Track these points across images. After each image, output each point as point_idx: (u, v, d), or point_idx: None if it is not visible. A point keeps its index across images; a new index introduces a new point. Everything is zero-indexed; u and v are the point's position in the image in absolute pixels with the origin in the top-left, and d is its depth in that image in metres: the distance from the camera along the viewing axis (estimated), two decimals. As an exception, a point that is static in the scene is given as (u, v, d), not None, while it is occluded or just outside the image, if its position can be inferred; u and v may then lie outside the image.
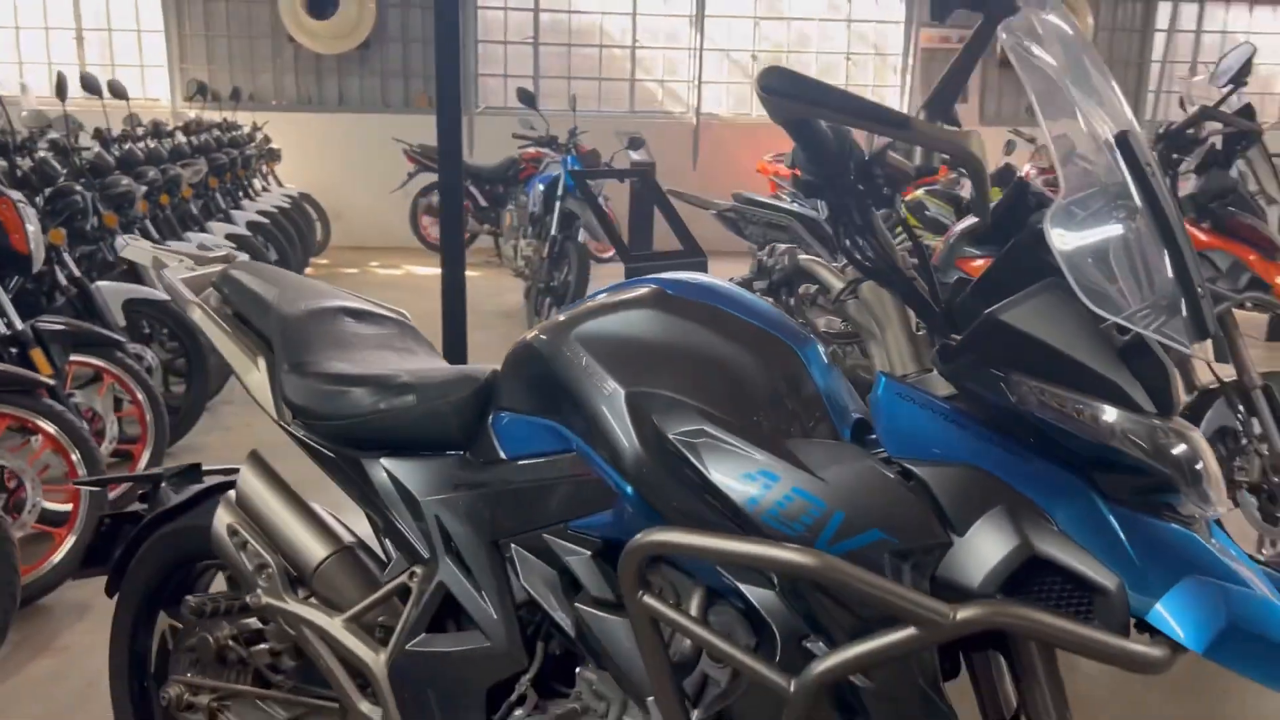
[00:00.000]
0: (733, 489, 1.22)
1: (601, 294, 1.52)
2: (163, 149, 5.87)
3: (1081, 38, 1.26)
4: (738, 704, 1.28)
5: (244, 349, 1.79)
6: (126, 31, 10.69)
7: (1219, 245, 3.22)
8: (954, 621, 1.08)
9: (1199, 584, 1.09)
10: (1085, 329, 1.14)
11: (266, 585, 1.73)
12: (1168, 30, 11.81)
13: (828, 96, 1.08)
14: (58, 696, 2.59)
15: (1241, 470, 3.24)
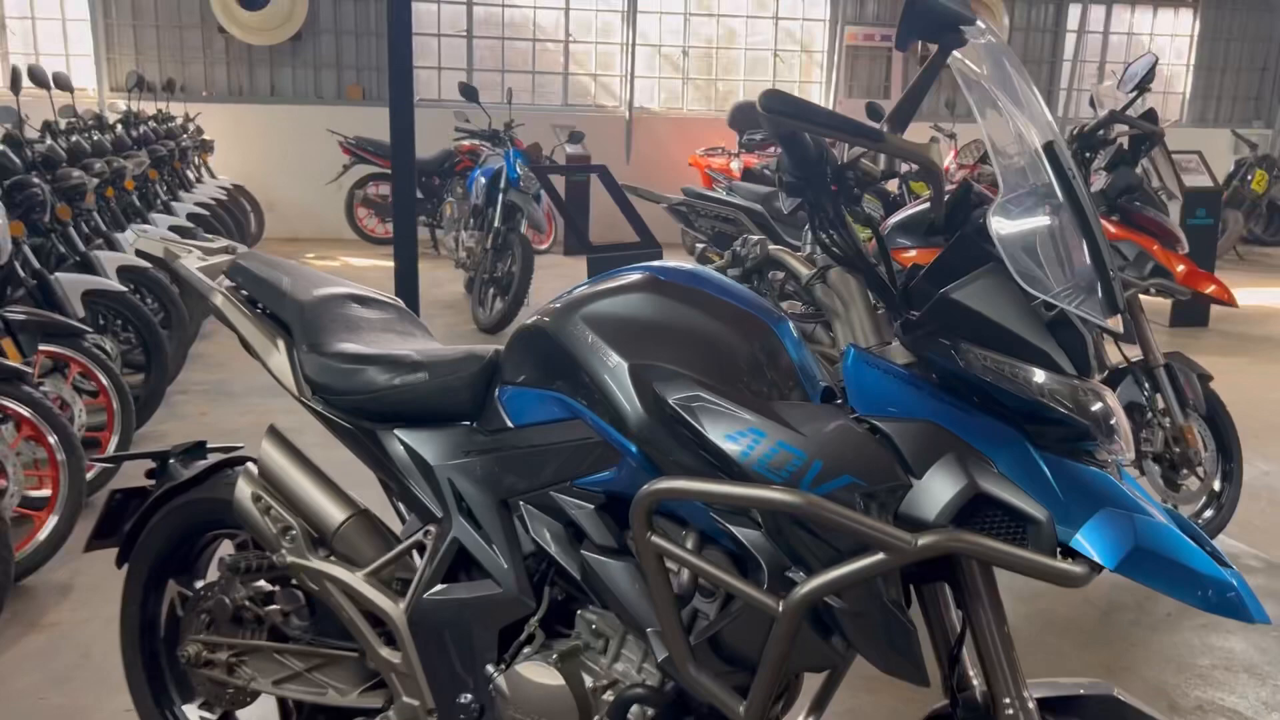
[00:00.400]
0: (726, 445, 1.43)
1: (595, 282, 1.72)
2: (105, 141, 5.88)
3: (1015, 60, 1.50)
4: (725, 630, 1.50)
5: (264, 332, 1.96)
6: (51, 20, 10.50)
7: (1126, 236, 3.54)
8: (916, 547, 1.31)
9: (1111, 515, 1.34)
10: (1020, 306, 1.37)
11: (291, 546, 1.90)
12: (1077, 31, 12.38)
13: (815, 115, 1.30)
14: (53, 667, 2.70)
15: (1147, 441, 3.57)
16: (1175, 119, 12.96)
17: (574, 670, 1.65)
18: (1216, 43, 12.85)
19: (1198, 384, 3.59)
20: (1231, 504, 3.68)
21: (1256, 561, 3.61)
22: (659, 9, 11.60)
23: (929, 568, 1.49)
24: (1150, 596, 3.33)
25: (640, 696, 1.58)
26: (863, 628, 1.40)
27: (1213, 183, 7.42)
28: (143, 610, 2.26)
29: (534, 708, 1.66)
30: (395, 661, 1.80)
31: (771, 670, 1.42)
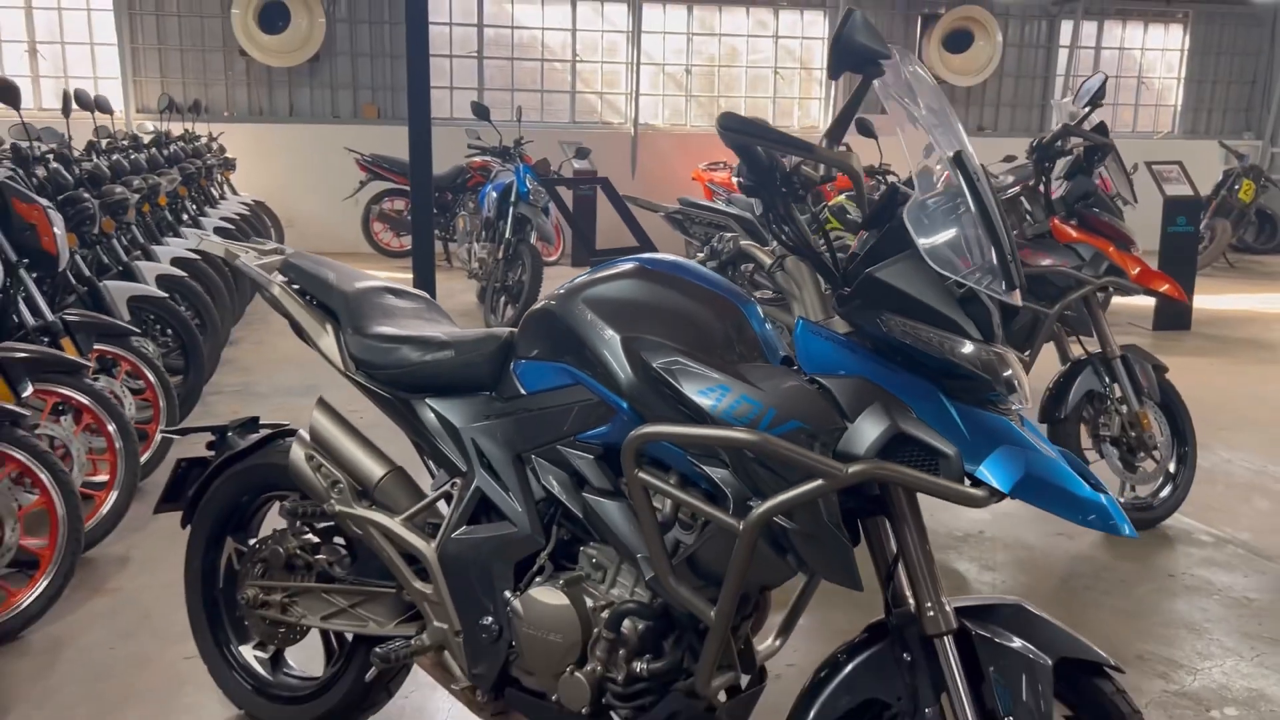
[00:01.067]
0: (699, 399, 1.77)
1: (594, 272, 2.06)
2: (141, 160, 6.26)
3: (931, 83, 1.84)
4: (699, 552, 1.82)
5: (315, 318, 2.31)
6: (80, 44, 10.94)
7: (1083, 239, 3.87)
8: (847, 474, 1.63)
9: (1008, 450, 1.66)
10: (933, 284, 1.70)
11: (339, 497, 2.24)
12: (1069, 46, 12.72)
13: (762, 131, 1.64)
14: (118, 624, 3.05)
15: (1104, 426, 3.90)
16: (1167, 130, 13.29)
17: (577, 594, 1.98)
18: (1206, 56, 13.19)
19: (1152, 374, 3.91)
20: (1186, 484, 3.99)
21: (1208, 537, 3.92)
22: (663, 29, 11.99)
23: (870, 503, 1.82)
24: (1106, 567, 3.64)
25: (632, 610, 1.91)
26: (809, 545, 1.73)
27: (1193, 192, 7.73)
28: (204, 565, 2.61)
29: (544, 625, 1.99)
30: (428, 592, 2.14)
31: (735, 580, 1.75)
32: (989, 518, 4.03)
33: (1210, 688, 2.86)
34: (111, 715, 2.61)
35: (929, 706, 1.74)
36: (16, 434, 3.00)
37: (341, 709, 2.44)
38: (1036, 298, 3.79)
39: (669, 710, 1.91)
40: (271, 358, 6.44)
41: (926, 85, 1.83)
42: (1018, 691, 1.71)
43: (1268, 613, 3.31)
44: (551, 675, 2.00)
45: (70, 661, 2.85)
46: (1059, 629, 1.79)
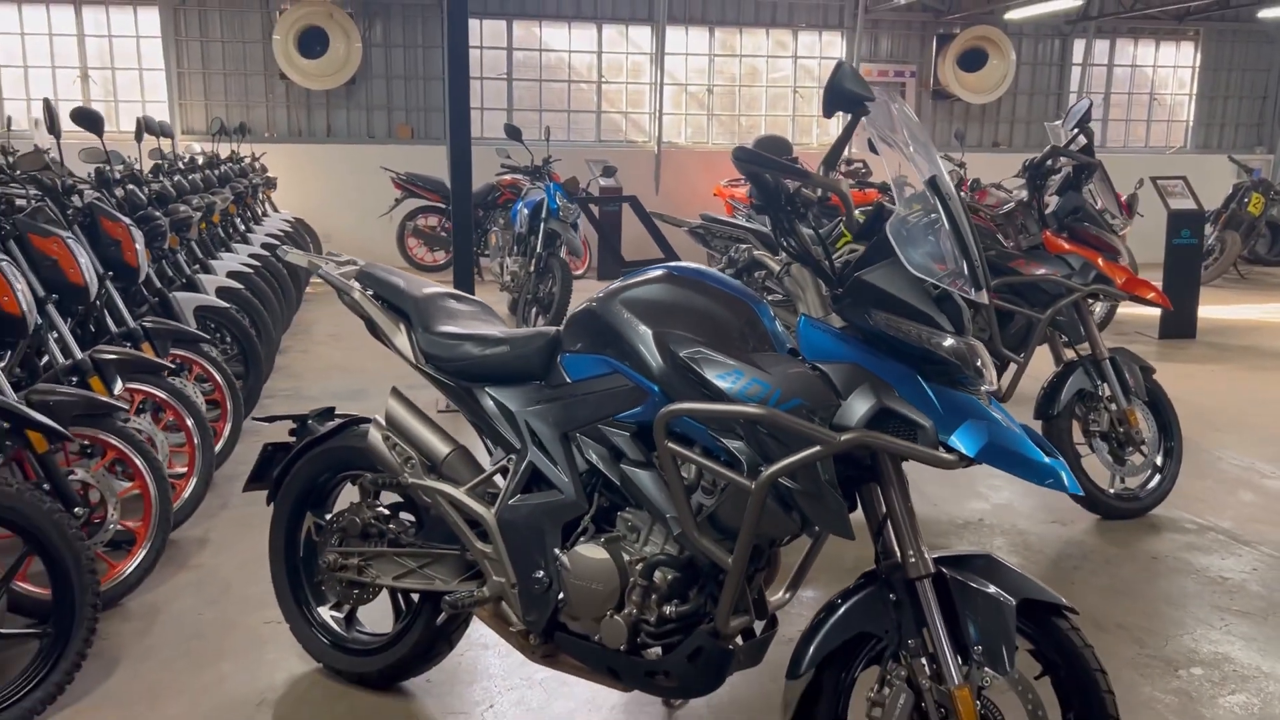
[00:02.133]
0: (718, 382, 2.13)
1: (627, 278, 2.42)
2: (198, 180, 6.69)
3: (913, 118, 2.20)
4: (719, 510, 2.18)
5: (390, 319, 2.69)
6: (128, 70, 11.46)
7: (1073, 250, 4.21)
8: (840, 442, 1.99)
9: (975, 423, 2.01)
10: (912, 285, 2.06)
11: (411, 471, 2.61)
12: (1082, 64, 13.03)
13: (768, 161, 2.01)
14: (204, 594, 3.43)
15: (1095, 422, 4.22)
16: (1179, 145, 13.56)
17: (616, 550, 2.34)
18: (1218, 72, 13.46)
19: (1139, 374, 4.23)
20: (1172, 476, 4.30)
21: (1192, 525, 4.23)
22: (685, 50, 12.40)
23: (863, 472, 2.17)
24: (1094, 550, 3.96)
25: (662, 562, 2.27)
26: (810, 502, 2.08)
27: (1196, 206, 8.03)
28: (287, 537, 2.98)
29: (588, 576, 2.34)
30: (488, 551, 2.51)
31: (748, 531, 2.10)
32: (989, 508, 4.36)
33: (1180, 652, 3.18)
34: (207, 669, 2.99)
35: (912, 638, 2.09)
36: (116, 425, 3.39)
37: (409, 659, 2.80)
38: (1030, 304, 4.13)
39: (694, 646, 2.26)
40: (318, 365, 6.86)
41: (908, 120, 2.19)
42: (985, 625, 2.05)
43: (1239, 590, 3.63)
44: (594, 619, 2.35)
45: (165, 624, 3.24)
46: (1022, 576, 2.14)
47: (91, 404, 3.33)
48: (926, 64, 12.65)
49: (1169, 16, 12.70)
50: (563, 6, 11.98)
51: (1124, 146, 13.46)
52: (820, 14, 12.45)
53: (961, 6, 12.34)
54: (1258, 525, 4.24)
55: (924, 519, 4.25)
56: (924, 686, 2.07)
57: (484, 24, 11.92)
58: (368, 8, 11.61)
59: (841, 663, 2.16)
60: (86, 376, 3.61)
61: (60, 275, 3.67)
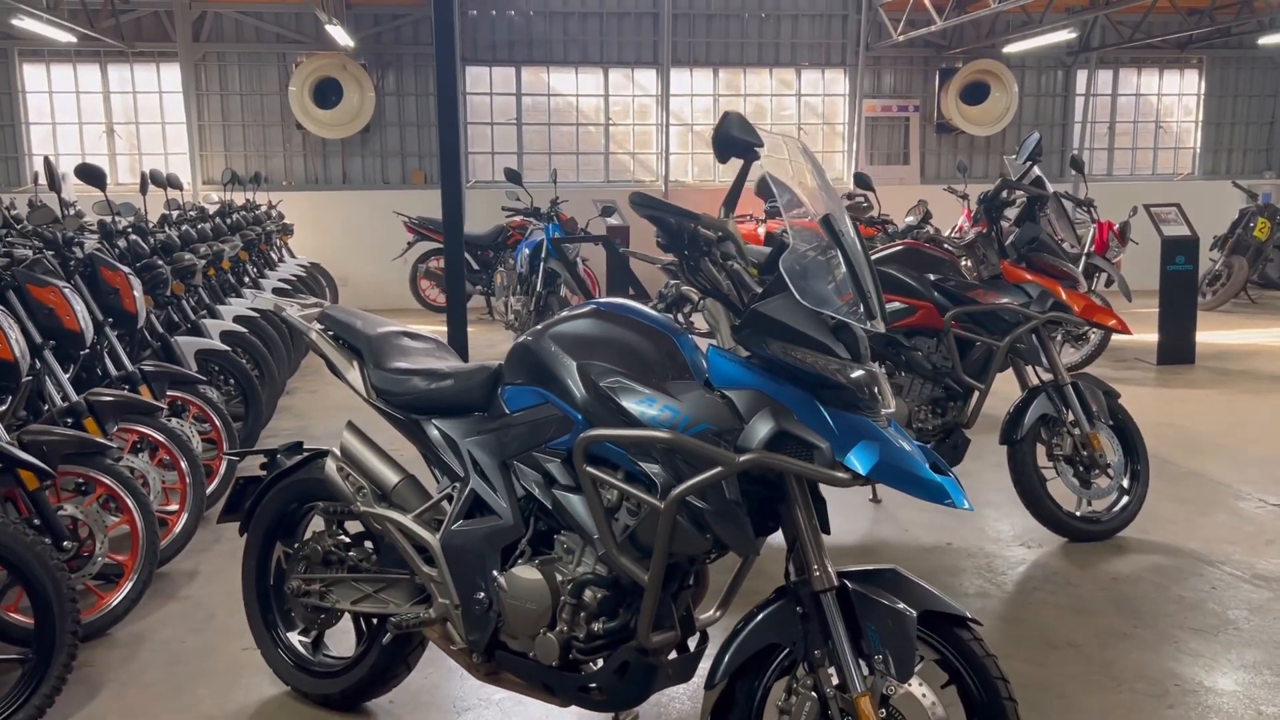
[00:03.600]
0: (634, 408, 2.27)
1: (562, 313, 2.58)
2: (207, 229, 6.96)
3: (812, 160, 2.35)
4: (638, 529, 2.31)
5: (345, 356, 2.86)
6: (152, 124, 11.87)
7: (1032, 279, 4.32)
8: (738, 462, 2.12)
9: (868, 443, 2.14)
10: (807, 315, 2.19)
11: (363, 499, 2.77)
12: (1085, 94, 13.13)
13: (661, 206, 2.17)
14: (189, 623, 3.60)
15: (1058, 447, 4.31)
16: (1187, 172, 13.60)
17: (549, 571, 2.48)
18: (1224, 99, 13.51)
19: (1103, 399, 4.32)
20: (1139, 498, 4.37)
21: (1159, 546, 4.29)
22: (690, 91, 12.65)
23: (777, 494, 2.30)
24: (1057, 572, 4.04)
25: (590, 581, 2.40)
26: (718, 521, 2.21)
27: (1190, 232, 8.08)
28: (258, 565, 3.15)
29: (523, 596, 2.48)
30: (433, 574, 2.65)
31: (661, 548, 2.23)
32: (958, 533, 4.45)
33: (1127, 668, 3.25)
34: (184, 693, 3.14)
35: (817, 649, 2.21)
36: (106, 464, 3.58)
37: (369, 681, 2.95)
38: (989, 332, 4.24)
39: (620, 660, 2.38)
40: (324, 405, 7.06)
41: (807, 163, 2.35)
42: (886, 635, 2.17)
43: (1195, 608, 3.69)
44: (529, 637, 2.49)
45: (149, 651, 3.40)
46: (926, 589, 2.25)
47: (83, 444, 3.52)
48: (930, 98, 12.82)
49: (1170, 45, 12.79)
50: (569, 52, 12.28)
51: (1131, 174, 13.52)
52: (823, 52, 12.67)
53: (963, 41, 12.51)
54: (1225, 546, 4.30)
55: (894, 544, 4.35)
56: (829, 694, 2.18)
57: (494, 71, 12.24)
58: (380, 58, 11.97)
59: (754, 673, 2.28)
60: (81, 418, 3.81)
61: (57, 322, 3.89)
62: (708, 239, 2.29)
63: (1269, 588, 3.86)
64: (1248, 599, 3.77)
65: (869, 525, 4.58)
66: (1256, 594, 3.81)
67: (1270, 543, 4.33)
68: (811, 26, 12.57)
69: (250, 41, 11.80)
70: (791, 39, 12.57)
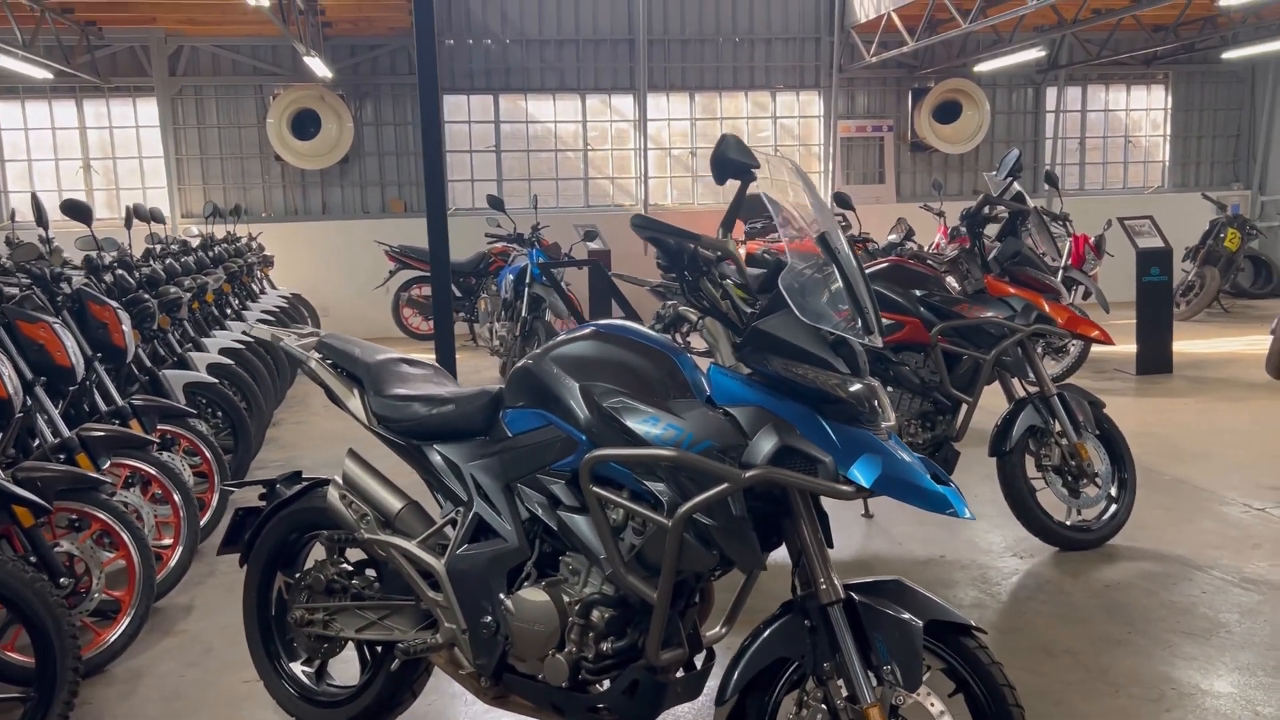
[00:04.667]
0: (638, 428, 2.30)
1: (562, 336, 2.61)
2: (190, 262, 6.95)
3: (806, 180, 2.40)
4: (644, 548, 2.33)
5: (344, 384, 2.88)
6: (129, 159, 11.84)
7: (1015, 293, 4.38)
8: (744, 478, 2.15)
9: (870, 456, 2.17)
10: (806, 331, 2.23)
11: (366, 527, 2.78)
12: (1055, 111, 13.33)
13: (662, 227, 2.21)
14: (186, 656, 3.58)
15: (1046, 456, 4.36)
16: (1157, 185, 13.81)
17: (556, 592, 2.49)
18: (1189, 113, 13.74)
19: (1089, 409, 4.38)
20: (1127, 506, 4.43)
21: (1148, 553, 4.34)
22: (667, 116, 12.76)
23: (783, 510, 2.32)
24: (1049, 581, 4.08)
25: (598, 601, 2.42)
26: (724, 537, 2.24)
27: (1164, 244, 8.22)
28: (259, 596, 3.14)
29: (530, 618, 2.49)
30: (439, 600, 2.66)
31: (670, 566, 2.26)
32: (951, 545, 4.49)
33: (1124, 673, 3.29)
34: (185, 726, 3.13)
35: (826, 661, 2.23)
36: (101, 499, 3.57)
37: (375, 708, 2.94)
38: (975, 346, 4.30)
39: (630, 679, 2.40)
40: (312, 435, 7.05)
41: (800, 182, 2.39)
42: (894, 646, 2.20)
43: (1187, 613, 3.74)
44: (537, 659, 2.50)
45: (148, 687, 3.38)
46: (930, 599, 2.28)
47: (76, 479, 3.51)
48: (903, 117, 12.97)
49: (1137, 61, 13.01)
50: (546, 79, 12.36)
51: (1103, 188, 13.71)
52: (797, 75, 12.81)
53: (934, 61, 12.68)
54: (1212, 551, 4.36)
55: (887, 557, 4.38)
56: (839, 706, 2.20)
57: (471, 99, 12.30)
58: (358, 89, 12.01)
59: (764, 687, 2.30)
60: (74, 453, 3.80)
61: (48, 358, 3.88)
62: (707, 259, 2.32)
63: (1258, 591, 3.92)
64: (1238, 602, 3.82)
65: (862, 540, 4.61)
66: (1246, 597, 3.86)
67: (1256, 547, 4.40)
68: (785, 50, 12.71)
69: (227, 74, 11.82)
70: (766, 62, 12.71)
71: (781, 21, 12.63)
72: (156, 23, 11.11)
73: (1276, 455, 5.82)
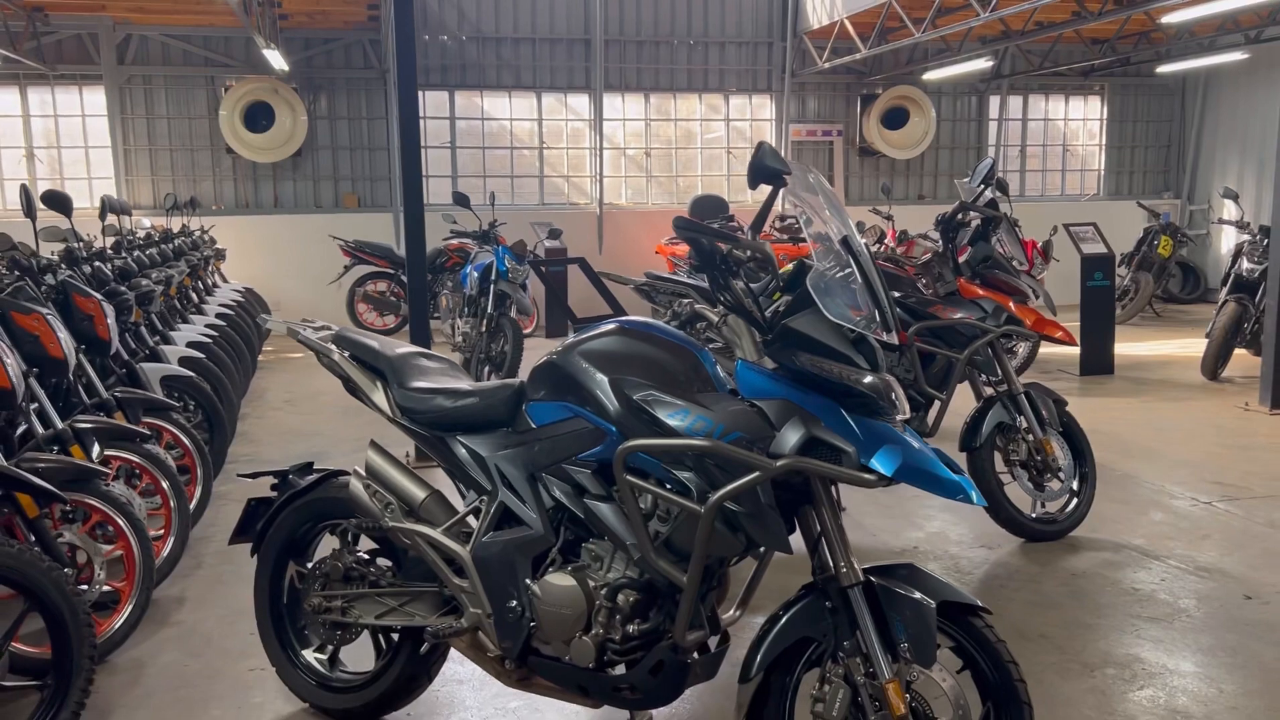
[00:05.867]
0: (668, 420, 2.42)
1: (583, 332, 2.72)
2: (155, 255, 6.89)
3: (828, 187, 2.54)
4: (674, 534, 2.45)
5: (367, 377, 2.94)
6: (75, 148, 11.61)
7: (986, 295, 4.59)
8: (775, 467, 2.28)
9: (890, 447, 2.32)
10: (831, 329, 2.37)
11: (391, 515, 2.85)
12: (998, 119, 13.73)
13: (703, 229, 2.33)
14: (187, 647, 3.61)
15: (1013, 452, 4.57)
16: (1093, 193, 14.30)
17: (582, 577, 2.60)
18: (1124, 124, 14.27)
19: (1053, 407, 4.60)
20: (1088, 499, 4.67)
21: (1108, 544, 4.58)
22: (622, 116, 12.87)
23: (799, 497, 2.46)
24: (1019, 570, 4.29)
25: (625, 585, 2.53)
26: (752, 522, 2.37)
27: (1106, 250, 8.56)
28: (271, 586, 3.19)
29: (558, 602, 2.59)
30: (464, 586, 2.75)
31: (700, 551, 2.38)
32: (923, 536, 4.68)
33: (1096, 655, 3.50)
34: (197, 714, 3.16)
35: (847, 640, 2.37)
36: (100, 489, 3.57)
37: (391, 693, 3.02)
38: (949, 345, 4.49)
39: (654, 660, 2.51)
40: (276, 429, 7.03)
41: (823, 188, 2.53)
42: (910, 625, 2.34)
43: (1149, 599, 3.97)
44: (564, 641, 2.60)
45: (153, 676, 3.41)
46: (941, 581, 2.43)
47: (77, 470, 3.52)
48: (852, 123, 13.26)
49: (1075, 73, 13.47)
50: (503, 77, 12.39)
51: (1042, 195, 14.16)
52: (750, 78, 13.01)
53: (882, 68, 12.98)
54: (1167, 541, 4.61)
55: (863, 548, 4.56)
56: (859, 682, 2.34)
57: (426, 95, 12.28)
58: (312, 82, 11.92)
59: (786, 666, 2.44)
60: (67, 445, 3.79)
61: (41, 350, 3.87)
62: (738, 259, 2.45)
63: (1212, 578, 4.17)
64: (1195, 589, 4.06)
65: (837, 532, 4.77)
66: (1202, 584, 4.11)
67: (1206, 537, 4.66)
68: (739, 54, 12.91)
69: (178, 65, 11.64)
70: (720, 65, 12.89)
71: (736, 25, 12.83)
72: (105, 10, 10.91)
73: (1216, 452, 6.14)
